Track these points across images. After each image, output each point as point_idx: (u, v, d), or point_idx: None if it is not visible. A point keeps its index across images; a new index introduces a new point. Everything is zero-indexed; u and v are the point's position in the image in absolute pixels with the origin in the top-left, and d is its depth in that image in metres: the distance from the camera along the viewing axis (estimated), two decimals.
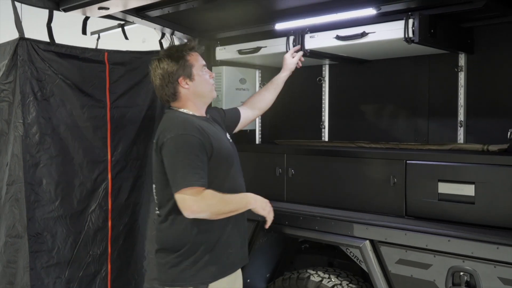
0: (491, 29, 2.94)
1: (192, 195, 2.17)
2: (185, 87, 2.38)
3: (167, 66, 2.36)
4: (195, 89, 2.40)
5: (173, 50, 2.43)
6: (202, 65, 2.45)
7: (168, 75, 2.36)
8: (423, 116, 3.27)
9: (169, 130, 2.28)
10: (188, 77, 2.38)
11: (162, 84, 2.38)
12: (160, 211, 2.41)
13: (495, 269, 2.09)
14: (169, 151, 2.24)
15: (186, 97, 2.40)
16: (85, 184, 3.15)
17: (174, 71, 2.35)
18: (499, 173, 2.23)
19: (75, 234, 3.10)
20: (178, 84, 2.37)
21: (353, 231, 2.55)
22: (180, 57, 2.37)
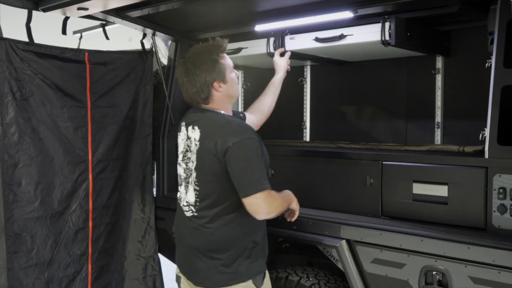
0: (467, 33, 3.00)
1: (265, 198, 2.19)
2: (219, 90, 2.36)
3: (203, 72, 2.31)
4: (227, 91, 2.39)
5: (206, 55, 2.35)
6: (232, 66, 2.44)
7: (204, 81, 2.31)
8: (401, 118, 3.32)
9: (231, 134, 2.22)
10: (222, 81, 2.35)
11: (197, 90, 2.33)
12: (202, 212, 2.33)
13: (466, 268, 2.13)
14: (237, 156, 2.19)
15: (218, 99, 2.38)
16: (66, 184, 3.14)
17: (210, 76, 2.31)
18: (471, 174, 2.28)
19: (55, 235, 3.10)
20: (212, 88, 2.34)
21: (330, 231, 2.58)
22: (215, 62, 2.33)
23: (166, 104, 3.53)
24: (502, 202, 2.17)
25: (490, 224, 2.21)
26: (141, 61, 3.53)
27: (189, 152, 2.37)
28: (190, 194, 2.37)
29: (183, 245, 2.47)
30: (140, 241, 3.55)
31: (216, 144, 2.21)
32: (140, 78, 3.53)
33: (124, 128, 3.45)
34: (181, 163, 2.45)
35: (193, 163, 2.34)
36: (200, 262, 2.35)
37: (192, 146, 2.34)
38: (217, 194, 2.29)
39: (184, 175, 2.41)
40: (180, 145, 2.47)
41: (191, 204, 2.37)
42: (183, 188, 2.43)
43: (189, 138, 2.37)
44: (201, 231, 2.34)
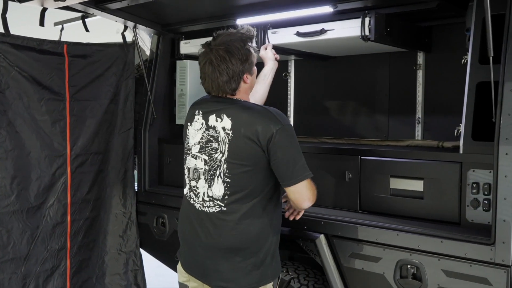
0: (448, 29, 3.01)
1: (310, 185, 2.16)
2: (247, 82, 2.24)
3: (237, 64, 2.16)
4: (251, 83, 2.30)
5: (240, 43, 2.19)
6: (256, 58, 2.31)
7: (238, 73, 2.18)
8: (383, 113, 3.33)
9: (272, 120, 2.11)
10: (250, 72, 2.24)
11: (228, 79, 2.17)
12: (234, 206, 2.16)
13: (439, 262, 2.15)
14: (283, 143, 2.10)
15: (244, 91, 2.26)
16: (43, 178, 3.11)
17: (243, 67, 2.19)
18: (446, 169, 2.29)
19: (32, 229, 3.07)
20: (242, 79, 2.21)
21: (309, 225, 2.59)
22: (249, 52, 2.21)
23: (147, 97, 3.51)
24: (475, 197, 2.18)
25: (464, 218, 2.23)
26: (123, 54, 3.50)
27: (215, 143, 2.19)
28: (218, 188, 2.17)
29: (198, 247, 2.25)
30: (121, 236, 3.53)
31: (257, 132, 2.09)
32: (121, 71, 3.50)
33: (105, 121, 3.42)
34: (198, 155, 2.26)
35: (222, 154, 2.16)
36: (224, 263, 2.17)
37: (221, 135, 2.17)
38: (252, 186, 2.15)
39: (206, 168, 2.21)
40: (194, 136, 2.28)
41: (218, 198, 2.18)
42: (202, 182, 2.23)
43: (213, 127, 2.20)
44: (229, 228, 2.16)
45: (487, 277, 2.04)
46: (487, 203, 2.15)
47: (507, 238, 1.99)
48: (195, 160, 2.27)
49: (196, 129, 2.28)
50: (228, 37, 2.20)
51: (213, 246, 2.19)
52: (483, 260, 2.05)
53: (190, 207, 2.29)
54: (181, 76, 3.56)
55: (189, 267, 2.31)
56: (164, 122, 3.65)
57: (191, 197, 2.29)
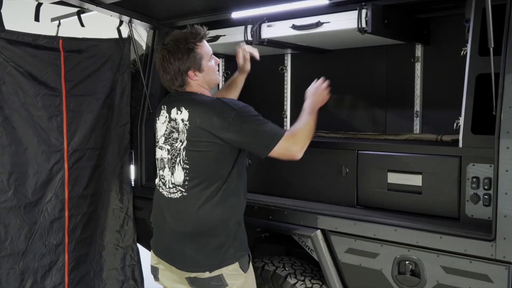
0: (447, 20, 2.96)
1: (288, 141, 2.23)
2: (194, 79, 2.35)
3: (177, 61, 2.29)
4: (203, 79, 2.38)
5: (182, 42, 2.32)
6: (210, 54, 2.40)
7: (178, 69, 2.30)
8: (381, 106, 3.30)
9: (225, 110, 2.22)
10: (198, 69, 2.33)
11: (171, 78, 2.34)
12: (193, 191, 2.28)
13: (438, 258, 2.12)
14: (242, 123, 2.21)
15: (195, 86, 2.38)
16: (40, 174, 3.10)
17: (184, 65, 2.30)
18: (445, 164, 2.26)
19: (29, 225, 3.06)
20: (187, 76, 2.33)
21: (305, 220, 2.56)
22: (191, 50, 2.30)
23: (143, 92, 3.48)
24: (475, 192, 2.15)
25: (464, 214, 2.20)
26: (118, 49, 3.47)
27: (176, 133, 2.32)
28: (178, 174, 2.31)
29: (165, 231, 2.39)
30: (119, 231, 3.51)
31: (213, 122, 2.21)
32: (117, 66, 3.47)
33: (101, 116, 3.39)
34: (163, 146, 2.40)
35: (181, 143, 2.30)
36: (188, 246, 2.30)
37: (180, 126, 2.30)
38: (210, 172, 2.27)
39: (169, 157, 2.36)
40: (161, 128, 2.43)
41: (179, 184, 2.31)
42: (167, 170, 2.37)
43: (174, 119, 2.33)
44: (191, 213, 2.28)
45: (487, 273, 2.01)
46: (487, 198, 2.12)
47: (508, 234, 1.96)
48: (161, 151, 2.42)
49: (162, 122, 2.42)
50: (173, 37, 2.35)
51: (178, 231, 2.32)
52: (484, 256, 2.01)
53: (160, 195, 2.42)
54: None
55: (158, 250, 2.45)
56: None
57: (160, 186, 2.42)
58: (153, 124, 3.58)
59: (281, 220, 2.66)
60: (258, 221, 2.75)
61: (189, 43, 2.31)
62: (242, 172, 2.37)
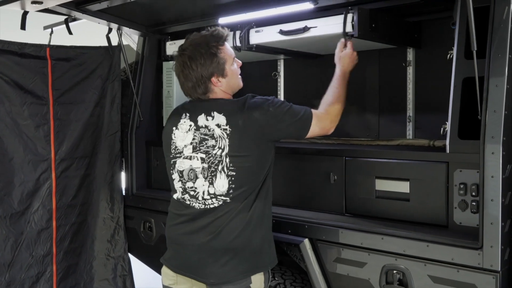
0: (438, 24, 2.91)
1: (319, 119, 2.25)
2: (218, 85, 2.22)
3: (199, 67, 2.16)
4: (228, 85, 2.25)
5: (204, 46, 2.17)
6: (233, 57, 2.27)
7: (201, 76, 2.17)
8: (374, 111, 3.24)
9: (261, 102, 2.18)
10: (221, 75, 2.21)
11: (193, 85, 2.20)
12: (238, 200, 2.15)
13: (425, 267, 2.06)
14: (279, 109, 2.17)
15: (219, 93, 2.25)
16: (27, 183, 3.07)
17: (207, 71, 2.17)
18: (432, 170, 2.20)
19: (16, 235, 3.04)
20: (210, 83, 2.20)
21: (293, 229, 2.51)
22: (213, 55, 2.17)
23: (134, 100, 3.45)
24: (463, 198, 2.09)
25: (452, 221, 2.13)
26: (108, 56, 3.45)
27: (211, 140, 2.17)
28: (221, 182, 2.15)
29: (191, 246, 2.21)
30: (109, 241, 3.47)
31: (256, 119, 2.14)
32: (107, 74, 3.44)
33: (91, 125, 3.37)
34: (193, 155, 2.21)
35: (221, 149, 2.15)
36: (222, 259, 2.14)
37: (217, 132, 2.16)
38: (253, 177, 2.16)
39: (204, 165, 2.18)
40: (184, 138, 2.25)
41: (221, 194, 2.15)
42: (201, 180, 2.19)
43: (205, 126, 2.19)
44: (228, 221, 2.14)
45: (475, 283, 1.95)
46: (475, 205, 2.05)
47: (495, 242, 1.89)
48: (189, 161, 2.23)
49: (185, 131, 2.25)
50: (193, 40, 2.22)
51: (206, 246, 2.16)
52: (471, 265, 1.95)
53: (187, 209, 2.23)
54: (167, 78, 3.50)
55: (180, 268, 2.25)
56: (152, 125, 3.58)
57: (186, 199, 2.24)
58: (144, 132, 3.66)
59: None
60: None
61: (211, 47, 2.17)
62: (272, 171, 2.28)
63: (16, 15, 3.04)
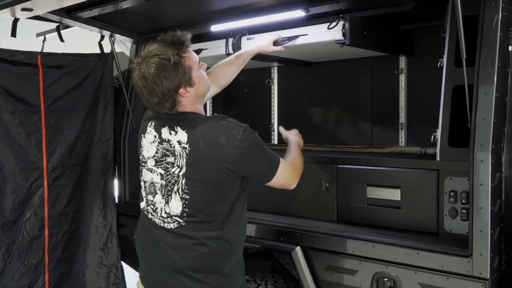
0: (429, 32, 2.92)
1: (287, 168, 2.10)
2: (187, 96, 2.01)
3: (164, 81, 1.93)
4: (195, 93, 2.04)
5: (165, 58, 1.94)
6: (198, 62, 2.06)
7: (167, 90, 1.94)
8: (367, 119, 3.25)
9: (233, 127, 1.96)
10: (189, 84, 1.99)
11: (160, 101, 1.97)
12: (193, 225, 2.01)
13: (415, 274, 2.05)
14: (247, 153, 1.95)
15: (188, 104, 2.04)
16: (18, 192, 3.06)
17: (173, 83, 1.95)
18: (423, 177, 2.21)
19: (7, 244, 3.02)
20: (178, 95, 1.99)
21: (285, 237, 2.50)
22: (178, 65, 1.94)
23: (126, 107, 3.44)
24: (453, 206, 2.09)
25: (442, 229, 2.14)
26: (100, 64, 3.45)
27: (171, 157, 2.02)
28: (175, 204, 2.01)
29: (158, 265, 2.09)
30: (102, 249, 3.45)
31: (220, 143, 1.94)
32: (99, 81, 3.44)
33: (83, 132, 3.36)
34: (154, 169, 2.09)
35: (179, 168, 1.99)
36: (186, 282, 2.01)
37: (177, 149, 2.00)
38: (213, 203, 1.99)
39: (163, 182, 2.05)
40: (149, 148, 2.12)
41: (176, 215, 2.01)
42: (159, 197, 2.07)
43: (167, 141, 2.03)
44: (188, 247, 2.01)
45: None
46: (465, 213, 2.06)
47: (485, 250, 1.89)
48: (151, 174, 2.11)
49: (150, 142, 2.12)
50: (152, 51, 1.98)
51: (170, 267, 2.03)
52: (460, 273, 1.95)
53: (150, 222, 2.12)
54: None
55: (149, 284, 2.15)
56: None
57: (149, 212, 2.13)
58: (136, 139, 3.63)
59: (261, 236, 2.60)
60: None
61: (173, 57, 1.94)
62: (245, 204, 2.12)
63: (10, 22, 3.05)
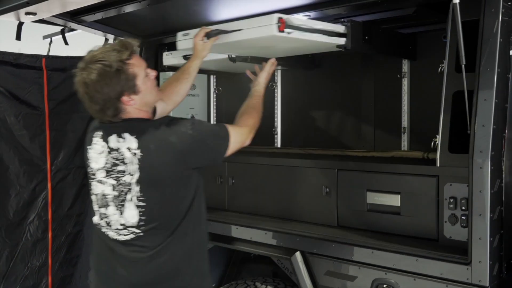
0: (432, 36, 2.90)
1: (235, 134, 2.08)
2: (130, 104, 1.96)
3: (105, 88, 1.88)
4: (141, 101, 1.99)
5: (107, 65, 1.89)
6: (144, 70, 2.00)
7: (109, 98, 1.90)
8: (369, 123, 3.23)
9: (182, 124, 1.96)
10: (133, 92, 1.94)
11: (101, 108, 1.93)
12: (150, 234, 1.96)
13: (414, 281, 2.04)
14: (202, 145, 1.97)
15: (133, 111, 1.99)
16: (22, 194, 3.08)
17: (114, 91, 1.90)
18: (423, 183, 2.19)
19: (11, 247, 3.04)
20: (121, 103, 1.94)
21: (285, 242, 2.50)
22: (120, 72, 1.89)
23: None
24: (453, 212, 2.07)
25: (442, 235, 2.12)
26: None
27: (122, 165, 1.97)
28: (130, 213, 1.95)
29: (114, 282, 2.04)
30: None
31: (172, 143, 1.92)
32: None
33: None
34: (104, 180, 2.03)
35: (131, 176, 1.95)
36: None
37: (127, 156, 1.95)
38: (170, 206, 1.96)
39: (115, 193, 1.99)
40: (98, 159, 2.04)
41: (132, 225, 1.96)
42: (112, 209, 2.00)
43: (116, 149, 1.98)
44: (145, 260, 1.96)
45: None
46: (465, 219, 2.04)
47: (484, 258, 1.87)
48: (101, 186, 2.04)
49: (98, 153, 2.04)
50: (95, 57, 1.93)
51: (129, 281, 1.99)
52: (460, 280, 1.93)
53: (104, 236, 2.05)
54: None
55: None
56: None
57: (103, 226, 2.05)
58: None
59: (261, 241, 2.60)
60: (239, 242, 2.69)
61: (115, 63, 1.89)
62: (202, 202, 2.08)
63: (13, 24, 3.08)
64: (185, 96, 2.48)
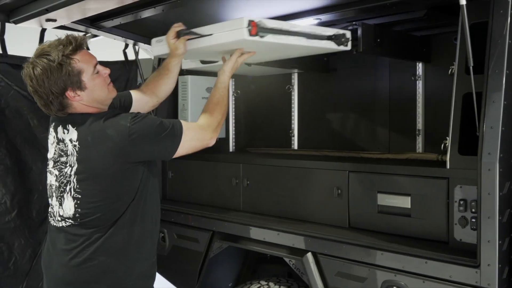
0: (446, 38, 2.89)
1: (191, 131, 2.04)
2: (76, 99, 1.98)
3: (47, 81, 1.90)
4: (89, 98, 2.00)
5: (50, 59, 1.91)
6: (93, 66, 2.00)
7: (51, 92, 1.92)
8: (384, 125, 3.24)
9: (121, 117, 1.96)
10: (78, 88, 1.95)
11: (46, 103, 1.96)
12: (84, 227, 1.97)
13: (424, 284, 2.04)
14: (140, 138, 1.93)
15: (80, 107, 2.01)
16: (44, 195, 3.16)
17: (57, 86, 1.92)
18: (433, 185, 2.18)
19: (34, 245, 3.14)
20: (65, 98, 1.96)
21: (297, 242, 2.52)
22: (61, 66, 1.91)
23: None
24: (463, 215, 2.07)
25: (452, 238, 2.11)
26: (125, 71, 3.56)
27: (64, 156, 1.99)
28: (68, 205, 1.97)
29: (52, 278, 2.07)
30: None
31: (109, 136, 1.92)
32: (123, 88, 3.55)
33: None
34: (52, 170, 2.08)
35: (71, 167, 1.96)
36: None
37: (69, 148, 1.97)
38: (109, 199, 1.96)
39: (57, 184, 2.02)
40: (51, 150, 2.12)
41: (69, 217, 1.98)
42: (54, 200, 2.05)
43: (62, 140, 2.02)
44: (76, 254, 1.96)
45: None
46: (475, 222, 2.03)
47: (493, 261, 1.86)
48: (50, 176, 2.09)
49: (51, 143, 2.11)
50: (42, 50, 1.95)
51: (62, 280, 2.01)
52: (468, 283, 1.92)
53: (50, 226, 2.12)
54: (182, 91, 3.58)
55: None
56: None
57: (50, 214, 2.10)
58: None
59: (273, 241, 2.63)
60: (252, 242, 2.72)
61: (59, 57, 1.91)
62: (149, 198, 2.05)
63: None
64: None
